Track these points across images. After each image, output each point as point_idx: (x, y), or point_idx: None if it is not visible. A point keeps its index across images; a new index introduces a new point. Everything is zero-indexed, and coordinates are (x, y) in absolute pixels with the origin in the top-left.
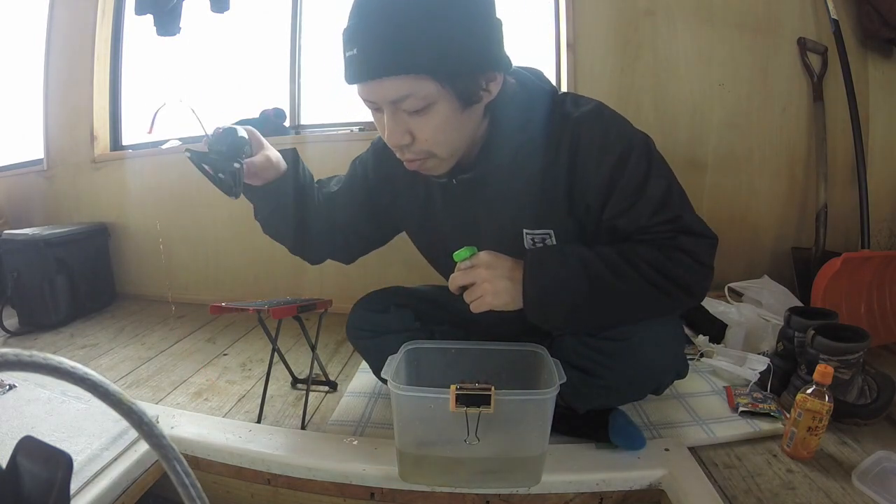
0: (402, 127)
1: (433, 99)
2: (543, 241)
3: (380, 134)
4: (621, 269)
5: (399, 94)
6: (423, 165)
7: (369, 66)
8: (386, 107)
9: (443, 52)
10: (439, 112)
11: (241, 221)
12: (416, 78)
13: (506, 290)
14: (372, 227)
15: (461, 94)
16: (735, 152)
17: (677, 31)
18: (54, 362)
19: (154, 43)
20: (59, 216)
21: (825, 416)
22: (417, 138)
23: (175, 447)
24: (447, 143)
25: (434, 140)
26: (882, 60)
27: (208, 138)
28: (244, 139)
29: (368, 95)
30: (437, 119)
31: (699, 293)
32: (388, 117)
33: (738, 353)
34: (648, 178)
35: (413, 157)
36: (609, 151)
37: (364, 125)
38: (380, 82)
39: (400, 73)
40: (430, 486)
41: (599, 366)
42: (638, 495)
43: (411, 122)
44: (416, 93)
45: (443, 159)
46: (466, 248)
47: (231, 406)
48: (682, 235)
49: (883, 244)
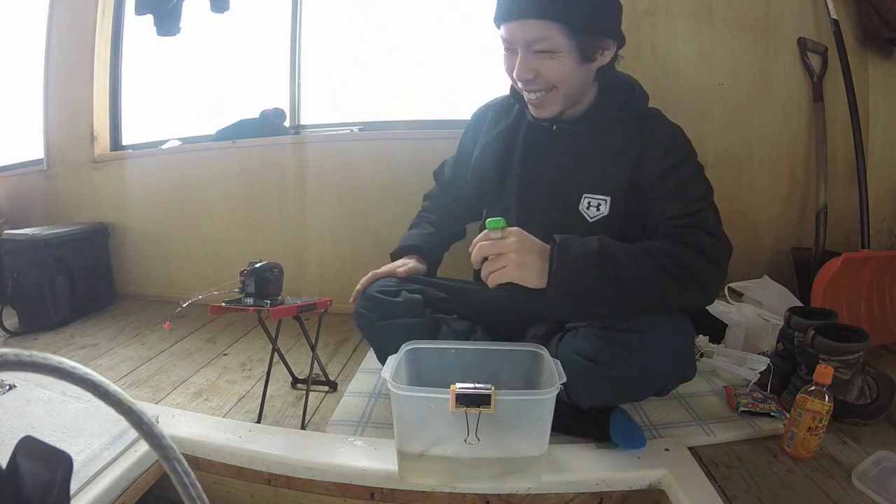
0: (529, 65)
1: (560, 47)
2: (598, 206)
3: (506, 72)
4: (640, 257)
5: (535, 35)
6: (541, 99)
7: (520, 9)
8: (521, 47)
9: (578, 10)
10: (562, 59)
11: (242, 222)
12: (552, 25)
13: (532, 265)
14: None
15: (582, 49)
16: (735, 152)
17: (677, 31)
18: (54, 362)
19: (154, 43)
20: (59, 216)
21: (825, 416)
22: (540, 75)
23: (175, 447)
24: (562, 84)
25: (555, 78)
26: (882, 60)
27: None
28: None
29: (510, 35)
30: (558, 63)
31: (710, 290)
32: (521, 56)
33: (738, 353)
34: (692, 182)
35: (535, 89)
36: (672, 153)
37: (364, 125)
38: (523, 23)
39: (542, 17)
40: (430, 486)
41: (610, 356)
42: (638, 495)
43: (538, 62)
44: (549, 38)
45: (557, 97)
46: (501, 219)
47: (231, 406)
48: (701, 232)
49: (883, 244)
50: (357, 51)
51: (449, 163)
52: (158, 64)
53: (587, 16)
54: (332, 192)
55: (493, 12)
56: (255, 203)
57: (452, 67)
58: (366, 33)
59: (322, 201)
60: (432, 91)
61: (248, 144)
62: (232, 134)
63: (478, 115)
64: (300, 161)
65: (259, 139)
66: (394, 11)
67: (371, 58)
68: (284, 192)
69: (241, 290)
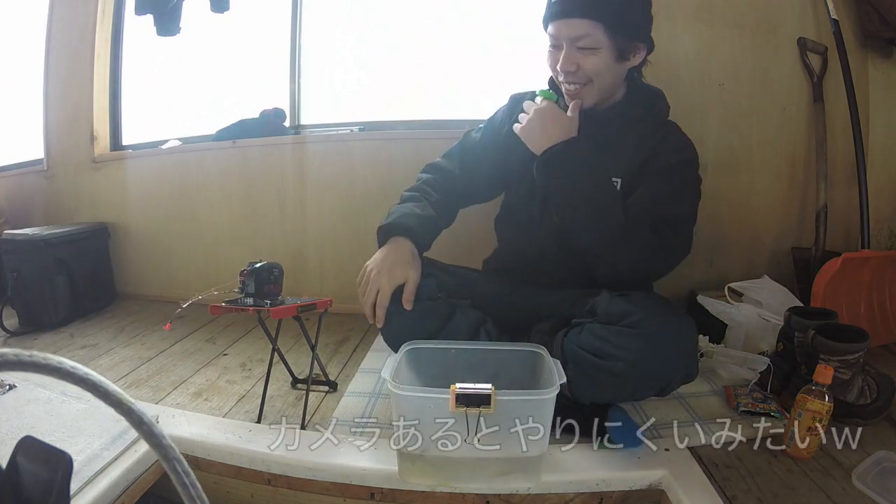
0: (573, 59)
1: (600, 44)
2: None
3: (549, 67)
4: (621, 205)
5: (580, 32)
6: (578, 90)
7: (568, 9)
8: (566, 43)
9: (619, 12)
10: (600, 55)
11: (241, 222)
12: (595, 25)
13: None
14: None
15: (618, 48)
16: (735, 152)
17: (677, 31)
18: (54, 362)
19: (154, 43)
20: (59, 216)
21: (825, 416)
22: (581, 69)
23: (175, 447)
24: (598, 77)
25: (593, 72)
26: (882, 60)
27: None
28: None
29: (558, 32)
30: (597, 59)
31: (647, 269)
32: (564, 50)
33: (738, 353)
34: (684, 188)
35: (575, 81)
36: (678, 156)
37: (364, 125)
38: (569, 21)
39: (586, 16)
40: (430, 486)
41: (614, 347)
42: (638, 495)
43: (580, 57)
44: (591, 34)
45: (592, 90)
46: (552, 93)
47: (231, 406)
48: (667, 228)
49: (883, 244)
50: (357, 51)
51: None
52: (158, 64)
53: (624, 18)
54: (332, 192)
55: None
56: (255, 203)
57: (452, 67)
58: (366, 33)
59: (322, 201)
60: (432, 91)
61: (248, 144)
62: (232, 134)
63: (516, 99)
64: (300, 161)
65: (259, 139)
66: (394, 11)
67: (371, 58)
68: (284, 192)
69: (241, 290)
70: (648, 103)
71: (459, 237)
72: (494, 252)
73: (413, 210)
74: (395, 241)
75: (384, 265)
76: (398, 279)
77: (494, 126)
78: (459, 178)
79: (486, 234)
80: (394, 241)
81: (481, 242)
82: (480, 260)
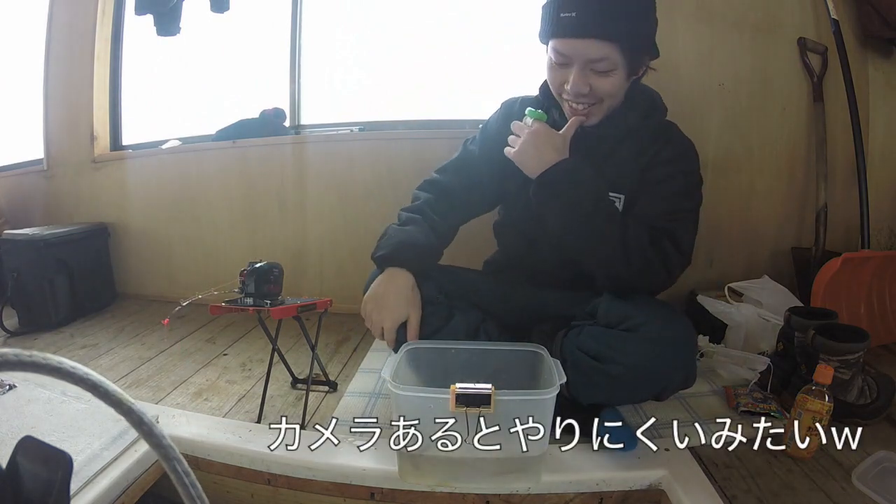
0: (586, 80)
1: (616, 66)
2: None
3: (551, 82)
4: (619, 219)
5: (598, 55)
6: (587, 110)
7: (585, 28)
8: (579, 63)
9: (635, 31)
10: (616, 76)
11: (242, 222)
12: (613, 46)
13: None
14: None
15: (631, 66)
16: (735, 152)
17: (677, 31)
18: (54, 362)
19: (154, 43)
20: (59, 216)
21: (825, 416)
22: (594, 90)
23: (175, 447)
24: (612, 98)
25: (606, 94)
26: (882, 60)
27: None
28: None
29: (569, 50)
30: (612, 81)
31: (649, 286)
32: (576, 71)
33: (738, 353)
34: (684, 194)
35: (585, 102)
36: (678, 162)
37: (364, 125)
38: (586, 41)
39: (606, 38)
40: (430, 486)
41: (613, 350)
42: (638, 495)
43: (594, 78)
44: (609, 57)
45: (602, 109)
46: (543, 114)
47: (231, 406)
48: (668, 240)
49: (883, 244)
50: (357, 51)
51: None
52: (158, 64)
53: (643, 36)
54: (332, 193)
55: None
56: (255, 203)
57: (452, 67)
58: (366, 33)
59: (322, 201)
60: (432, 91)
61: (248, 144)
62: (232, 134)
63: (509, 104)
64: (300, 161)
65: (259, 139)
66: (394, 11)
67: (371, 58)
68: (284, 192)
69: (241, 290)
70: (646, 110)
71: (460, 238)
72: (495, 253)
73: (414, 238)
74: (394, 274)
75: (384, 303)
76: (400, 318)
77: (489, 135)
78: (458, 195)
79: (487, 235)
80: (393, 272)
81: (481, 243)
82: (481, 260)
